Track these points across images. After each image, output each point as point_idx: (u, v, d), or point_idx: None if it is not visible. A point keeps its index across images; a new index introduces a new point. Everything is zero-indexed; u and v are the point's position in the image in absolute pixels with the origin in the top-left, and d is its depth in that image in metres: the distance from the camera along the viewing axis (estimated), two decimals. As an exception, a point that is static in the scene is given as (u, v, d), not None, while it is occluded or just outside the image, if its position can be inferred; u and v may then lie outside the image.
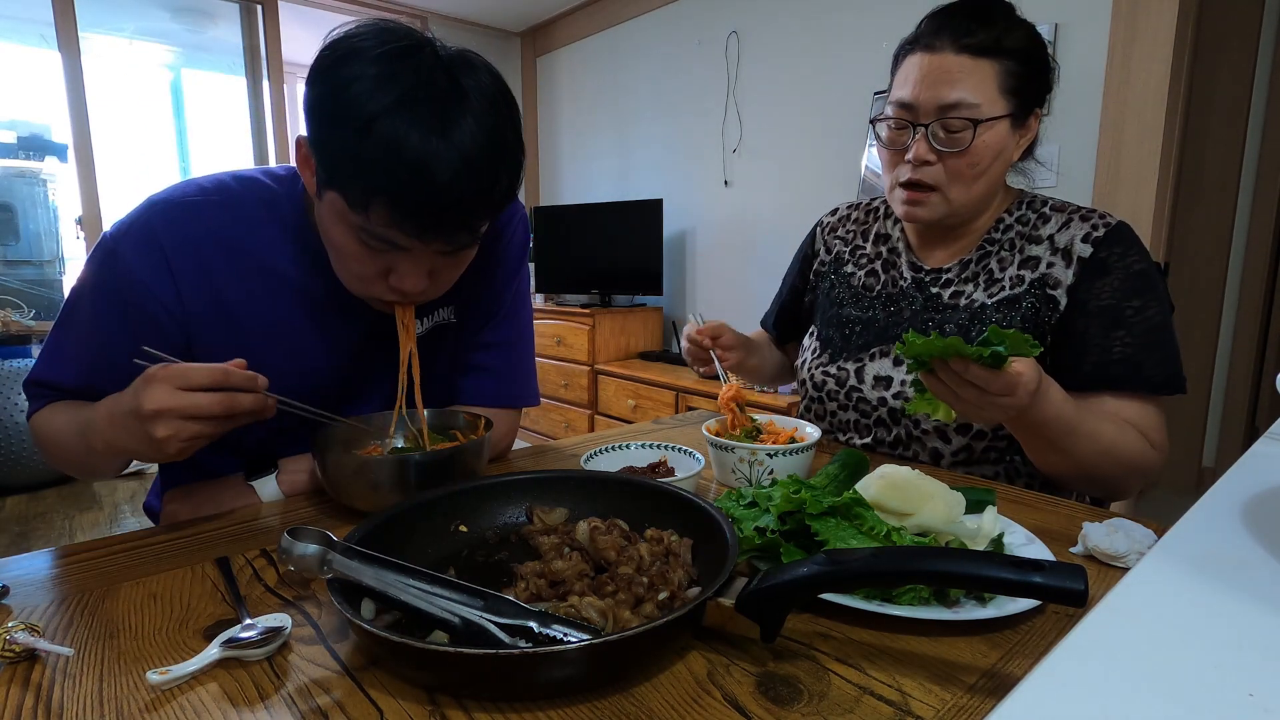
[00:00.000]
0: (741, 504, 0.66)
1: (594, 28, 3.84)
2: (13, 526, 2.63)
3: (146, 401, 0.62)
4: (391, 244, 0.70)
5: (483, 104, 0.67)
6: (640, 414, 3.18)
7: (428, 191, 0.65)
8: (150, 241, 0.76)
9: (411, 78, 0.64)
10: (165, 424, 0.63)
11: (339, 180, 0.68)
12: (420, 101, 0.64)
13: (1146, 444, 0.86)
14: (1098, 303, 0.90)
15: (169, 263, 0.76)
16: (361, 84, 0.64)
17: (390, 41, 0.66)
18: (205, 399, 0.64)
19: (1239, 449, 2.09)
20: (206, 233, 0.78)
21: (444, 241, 0.71)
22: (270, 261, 0.81)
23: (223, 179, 0.82)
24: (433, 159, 0.64)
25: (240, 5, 3.59)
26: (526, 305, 1.03)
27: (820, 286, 1.17)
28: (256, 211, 0.81)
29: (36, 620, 0.54)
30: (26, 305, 3.30)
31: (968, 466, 0.98)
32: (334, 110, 0.65)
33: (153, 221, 0.77)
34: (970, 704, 0.44)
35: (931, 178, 0.92)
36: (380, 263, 0.73)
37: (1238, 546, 0.39)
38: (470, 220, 0.71)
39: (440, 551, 0.63)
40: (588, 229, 3.62)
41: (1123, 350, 0.88)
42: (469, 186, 0.66)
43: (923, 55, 0.91)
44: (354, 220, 0.69)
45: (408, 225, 0.67)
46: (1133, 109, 2.00)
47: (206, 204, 0.79)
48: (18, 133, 3.39)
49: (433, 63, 0.66)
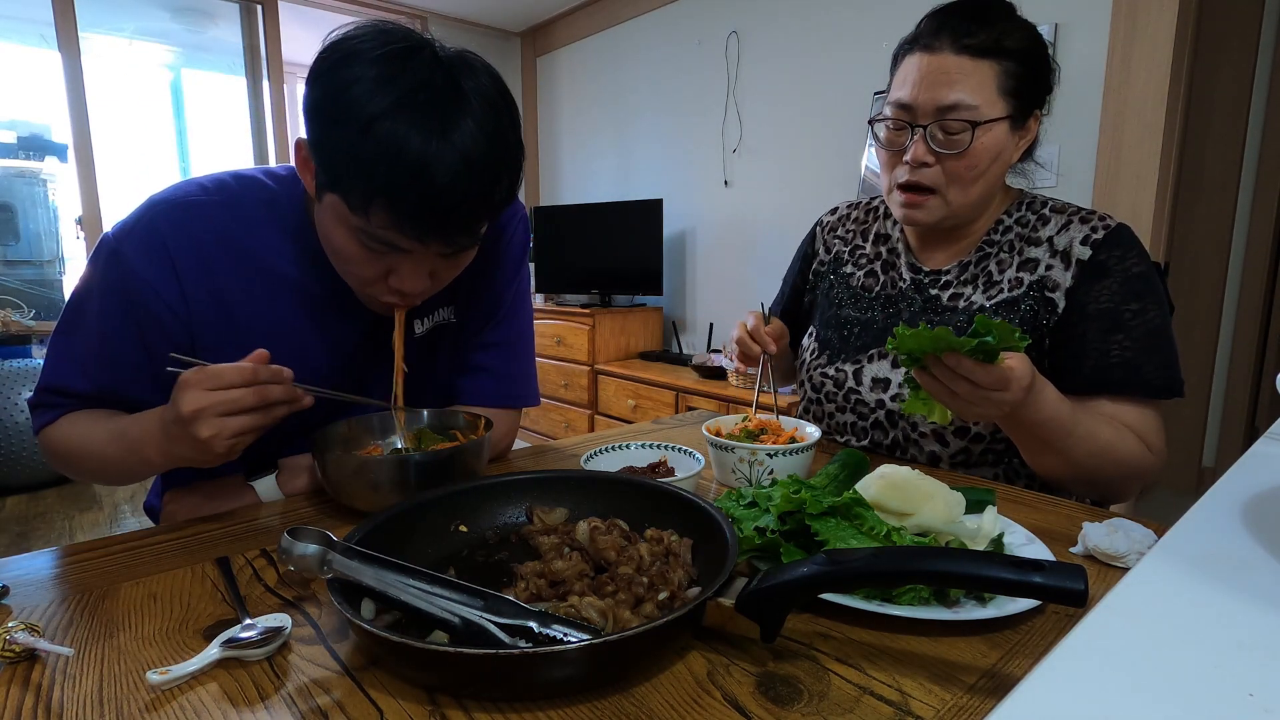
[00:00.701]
0: (741, 504, 0.66)
1: (594, 28, 3.84)
2: (13, 526, 2.63)
3: (184, 405, 0.64)
4: (392, 246, 0.70)
5: (482, 105, 0.67)
6: (640, 414, 3.18)
7: (428, 193, 0.65)
8: (154, 241, 0.76)
9: (411, 79, 0.65)
10: (207, 424, 0.65)
11: (339, 182, 0.68)
12: (420, 103, 0.64)
13: (1144, 448, 0.86)
14: (1096, 306, 0.90)
15: (173, 262, 0.77)
16: (361, 85, 0.64)
17: (390, 43, 0.66)
18: (238, 393, 0.65)
19: (1239, 449, 2.09)
20: (208, 232, 0.78)
21: (444, 243, 0.71)
22: (271, 261, 0.81)
23: (223, 179, 0.82)
24: (433, 160, 0.64)
25: (240, 5, 3.60)
26: (527, 305, 1.03)
27: (819, 286, 1.17)
28: (257, 211, 0.81)
29: (36, 620, 0.54)
30: (26, 305, 3.30)
31: (966, 469, 0.97)
32: (333, 112, 0.65)
33: (156, 221, 0.77)
34: (970, 704, 0.44)
35: (930, 180, 0.92)
36: (380, 265, 0.73)
37: (1238, 546, 0.39)
38: (471, 222, 0.71)
39: (440, 551, 0.63)
40: (588, 229, 3.62)
41: (1121, 354, 0.88)
42: (469, 188, 0.67)
43: (922, 55, 0.90)
44: (354, 223, 0.69)
45: (408, 228, 0.67)
46: (1133, 109, 2.00)
47: (208, 204, 0.79)
48: (18, 133, 3.39)
49: (432, 64, 0.66)
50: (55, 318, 0.82)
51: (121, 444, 0.75)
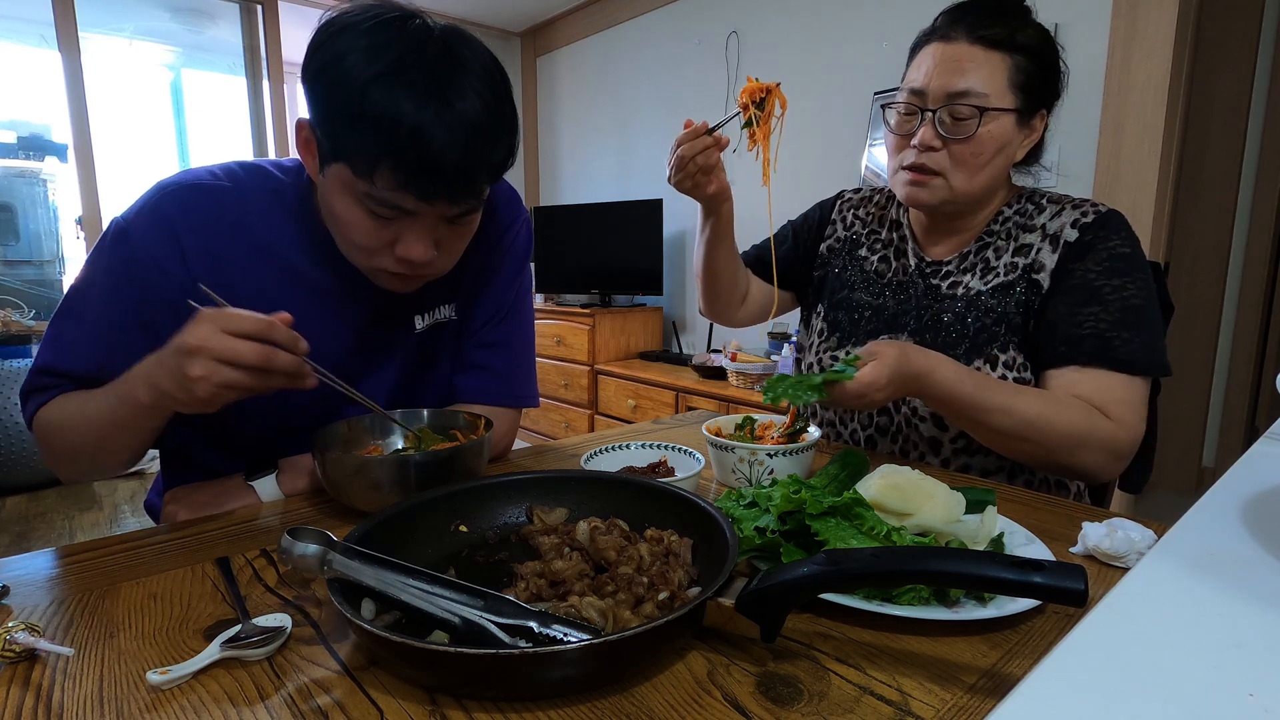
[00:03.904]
0: (741, 504, 0.66)
1: (594, 28, 3.84)
2: (13, 526, 2.63)
3: (190, 336, 0.63)
4: (397, 208, 0.71)
5: (477, 67, 0.70)
6: (640, 414, 3.18)
7: (431, 148, 0.67)
8: (162, 221, 0.77)
9: (406, 43, 0.67)
10: (201, 363, 0.62)
11: (343, 149, 0.69)
12: (414, 65, 0.67)
13: (1098, 416, 0.85)
14: (1071, 281, 0.91)
15: (180, 241, 0.77)
16: (355, 54, 0.66)
17: (381, 14, 0.69)
18: (244, 346, 0.63)
19: (1239, 449, 2.09)
20: (216, 216, 0.80)
21: (448, 202, 0.72)
22: (276, 247, 0.82)
23: (230, 167, 0.84)
24: (434, 116, 0.66)
25: (240, 5, 3.59)
26: (528, 308, 1.03)
27: (832, 263, 1.17)
28: (263, 198, 0.82)
29: (36, 620, 0.54)
30: (26, 305, 3.30)
31: (969, 456, 0.98)
32: (333, 80, 0.67)
33: (164, 202, 0.78)
34: (970, 704, 0.44)
35: (935, 163, 0.94)
36: (386, 233, 0.74)
37: (1238, 546, 0.39)
38: (472, 180, 0.72)
39: (440, 551, 0.63)
40: (588, 229, 3.62)
41: (1094, 326, 0.89)
42: (470, 143, 0.68)
43: (938, 45, 0.93)
44: (360, 189, 0.70)
45: (413, 186, 0.69)
46: (1133, 109, 2.00)
47: (216, 188, 0.81)
48: (18, 133, 3.39)
49: (424, 30, 0.70)
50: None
51: (113, 393, 0.72)
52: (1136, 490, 1.06)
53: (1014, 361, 0.94)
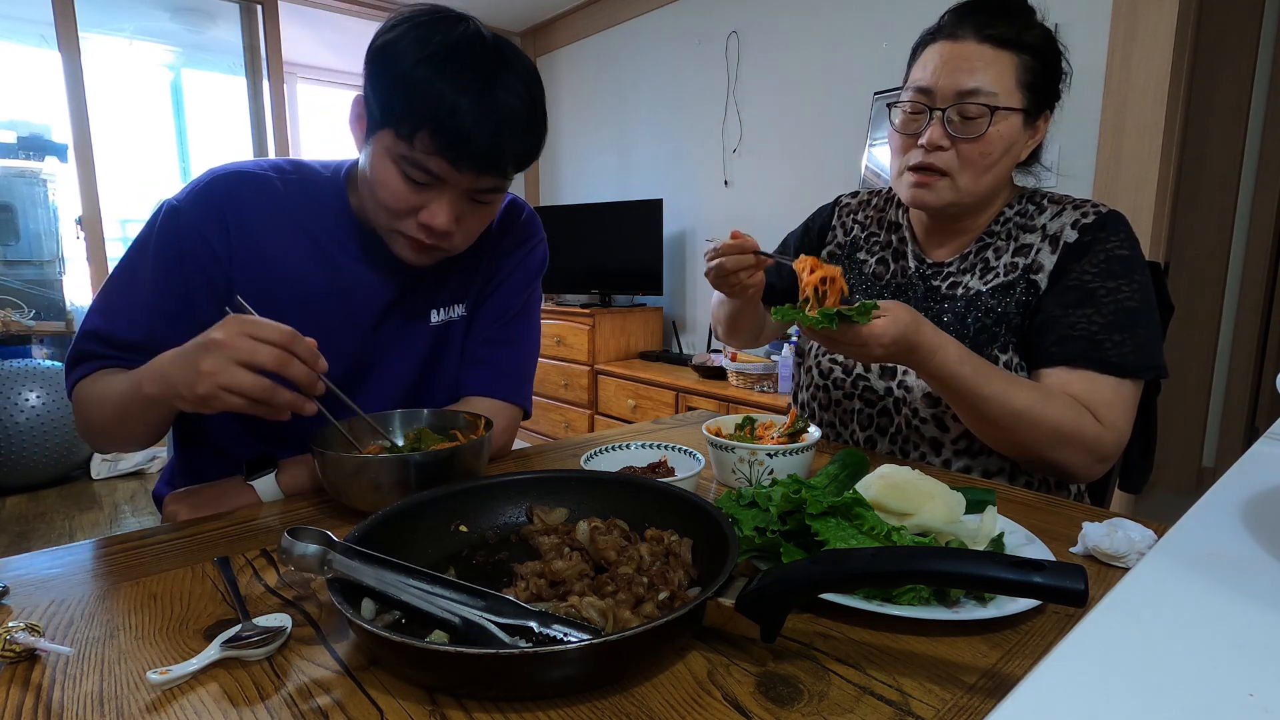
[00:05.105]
0: (741, 504, 0.66)
1: (594, 28, 3.84)
2: (13, 526, 2.63)
3: (214, 331, 0.66)
4: (429, 173, 0.78)
5: (520, 69, 0.79)
6: (640, 414, 3.18)
7: (467, 122, 0.74)
8: (210, 201, 0.85)
9: (458, 37, 0.76)
10: (215, 358, 0.65)
11: (390, 114, 0.76)
12: (465, 54, 0.75)
13: (1087, 417, 0.85)
14: (1067, 281, 0.91)
15: (225, 220, 0.85)
16: (411, 39, 0.75)
17: (437, 14, 0.78)
18: (264, 350, 0.66)
19: (1239, 449, 2.09)
20: (260, 202, 0.87)
21: (475, 173, 0.78)
22: (312, 230, 0.89)
23: (278, 161, 0.93)
24: (475, 97, 0.74)
25: (240, 5, 3.59)
26: (535, 319, 1.07)
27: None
28: (305, 189, 0.90)
29: (36, 620, 0.54)
30: (26, 305, 3.30)
31: (971, 457, 0.98)
32: (389, 58, 0.76)
33: (214, 185, 0.86)
34: (970, 704, 0.44)
35: (943, 163, 0.93)
36: (415, 198, 0.80)
37: (1238, 546, 0.39)
38: (499, 157, 0.78)
39: (440, 551, 0.63)
40: (588, 229, 3.62)
41: (1086, 328, 0.89)
42: (503, 127, 0.76)
43: (945, 43, 0.92)
44: (399, 150, 0.77)
45: (447, 151, 0.76)
46: (1133, 109, 2.00)
47: (263, 177, 0.89)
48: (18, 133, 3.39)
49: (477, 34, 0.78)
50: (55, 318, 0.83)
51: (130, 380, 0.75)
52: (1136, 490, 1.06)
53: (1013, 362, 0.94)
